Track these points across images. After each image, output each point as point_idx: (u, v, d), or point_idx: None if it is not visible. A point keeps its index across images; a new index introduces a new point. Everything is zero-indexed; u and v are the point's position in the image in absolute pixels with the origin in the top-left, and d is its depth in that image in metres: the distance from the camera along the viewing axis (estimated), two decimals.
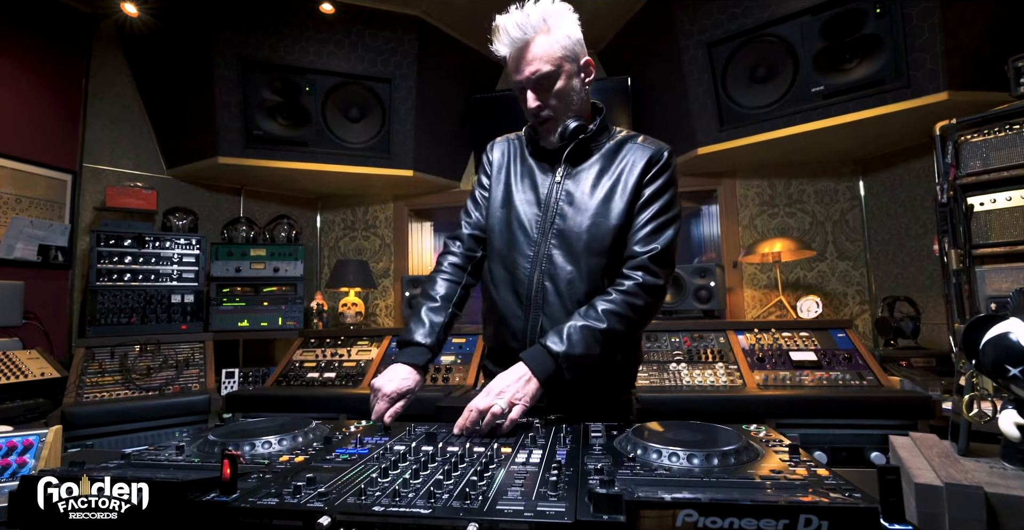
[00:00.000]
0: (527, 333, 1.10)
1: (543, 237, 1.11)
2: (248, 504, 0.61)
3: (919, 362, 2.19)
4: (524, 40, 1.03)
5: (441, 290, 1.17)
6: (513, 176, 1.18)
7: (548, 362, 0.99)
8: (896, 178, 2.84)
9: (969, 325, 0.64)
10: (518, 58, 1.05)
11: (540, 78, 1.05)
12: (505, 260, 1.14)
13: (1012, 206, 1.94)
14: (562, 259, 1.09)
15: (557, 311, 1.08)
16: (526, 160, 1.18)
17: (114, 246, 2.63)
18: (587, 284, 1.08)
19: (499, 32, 1.04)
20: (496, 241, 1.16)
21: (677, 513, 0.50)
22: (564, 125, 1.09)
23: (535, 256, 1.11)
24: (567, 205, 1.10)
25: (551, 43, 1.04)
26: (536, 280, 1.10)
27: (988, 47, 2.13)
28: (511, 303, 1.12)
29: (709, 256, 3.52)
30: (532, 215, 1.13)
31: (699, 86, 2.74)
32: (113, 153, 2.93)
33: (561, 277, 1.09)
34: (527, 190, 1.15)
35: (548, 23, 1.03)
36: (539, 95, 1.07)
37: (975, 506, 0.52)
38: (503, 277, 1.14)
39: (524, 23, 1.02)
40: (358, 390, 2.33)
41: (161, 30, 2.75)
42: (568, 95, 1.08)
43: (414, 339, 1.11)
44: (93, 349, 2.44)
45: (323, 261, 3.70)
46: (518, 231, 1.13)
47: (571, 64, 1.07)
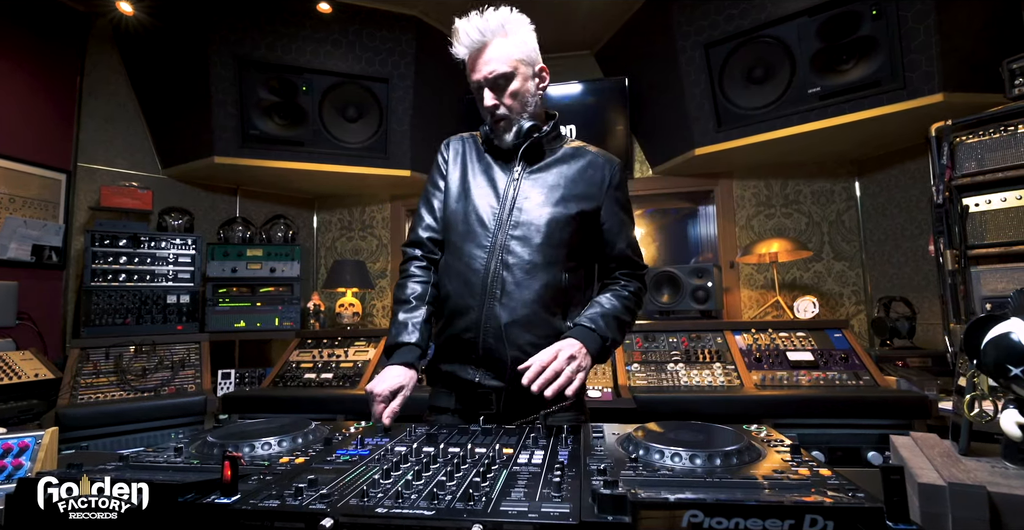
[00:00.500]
0: (481, 323, 1.10)
1: (500, 229, 1.13)
2: (249, 506, 0.60)
3: (915, 362, 2.21)
4: (482, 42, 1.09)
5: (414, 291, 1.17)
6: (470, 171, 1.20)
7: (598, 341, 1.08)
8: (891, 179, 2.86)
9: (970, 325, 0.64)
10: (476, 58, 1.11)
11: (497, 78, 1.10)
12: (460, 252, 1.15)
13: (1007, 207, 1.96)
14: (520, 249, 1.11)
15: (514, 300, 1.10)
16: (483, 157, 1.21)
17: (109, 246, 2.61)
18: (546, 274, 1.11)
19: (459, 34, 1.10)
20: (452, 234, 1.18)
21: (683, 514, 0.50)
22: (519, 124, 1.13)
23: (492, 246, 1.12)
24: (526, 199, 1.14)
25: (508, 46, 1.10)
26: (492, 270, 1.11)
27: (983, 49, 2.14)
28: (465, 294, 1.12)
29: (706, 256, 3.53)
30: (489, 208, 1.15)
31: (696, 87, 2.75)
32: (108, 152, 2.91)
33: (519, 266, 1.10)
34: (484, 184, 1.17)
35: (506, 28, 1.10)
36: (496, 94, 1.12)
37: (978, 505, 0.52)
38: (457, 268, 1.15)
39: (483, 27, 1.08)
40: (355, 391, 2.32)
41: (157, 29, 2.74)
42: (523, 96, 1.13)
43: (399, 341, 1.12)
44: (88, 350, 2.42)
45: (320, 261, 3.69)
46: (475, 223, 1.15)
47: (527, 67, 1.13)
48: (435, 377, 1.21)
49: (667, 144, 3.10)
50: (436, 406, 1.20)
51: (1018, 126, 1.92)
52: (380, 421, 1.03)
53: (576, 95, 3.24)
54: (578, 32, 3.17)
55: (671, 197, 3.60)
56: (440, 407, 1.18)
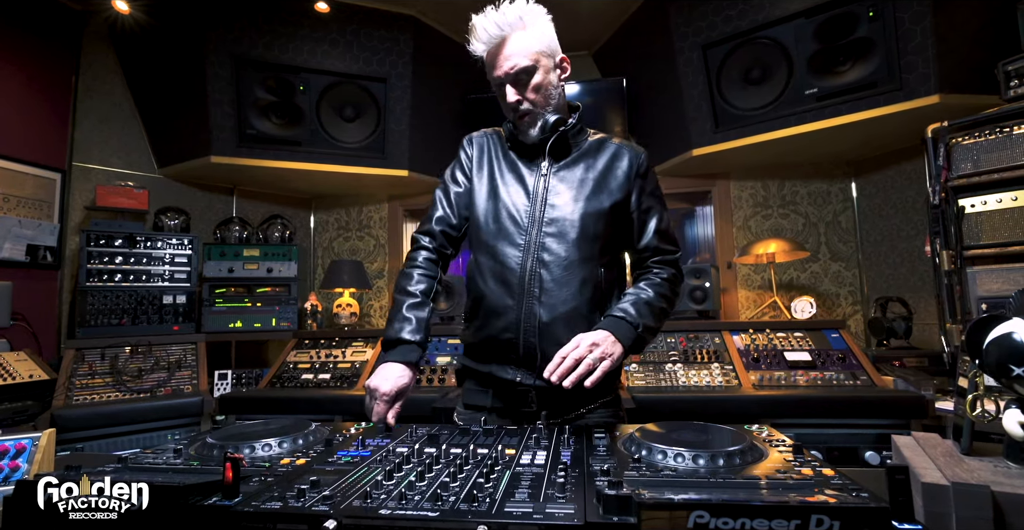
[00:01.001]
0: (520, 322, 1.08)
1: (534, 226, 1.11)
2: (252, 508, 0.60)
3: (911, 362, 2.22)
4: (501, 36, 1.07)
5: (421, 286, 1.14)
6: (497, 169, 1.18)
7: (629, 330, 1.04)
8: (887, 180, 2.88)
9: (972, 325, 0.65)
10: (496, 54, 1.08)
11: (519, 72, 1.07)
12: (494, 251, 1.13)
13: (1003, 208, 1.97)
14: (556, 246, 1.10)
15: (553, 298, 1.08)
16: (508, 154, 1.19)
17: (104, 246, 2.59)
18: (583, 270, 1.10)
19: (476, 31, 1.08)
20: (484, 233, 1.15)
21: (688, 514, 0.50)
22: (544, 119, 1.11)
23: (526, 244, 1.11)
24: (557, 195, 1.12)
25: (528, 39, 1.07)
26: (529, 268, 1.09)
27: (979, 51, 2.15)
28: (502, 293, 1.10)
29: (703, 257, 3.54)
30: (522, 205, 1.13)
31: (694, 88, 2.75)
32: (103, 152, 2.89)
33: (556, 263, 1.09)
34: (513, 182, 1.15)
35: (524, 21, 1.07)
36: (518, 89, 1.09)
37: (982, 505, 0.52)
38: (492, 268, 1.12)
39: (501, 21, 1.06)
40: (353, 391, 2.31)
41: (153, 28, 2.72)
42: (546, 89, 1.11)
43: (402, 337, 1.09)
44: (83, 351, 2.40)
45: (317, 262, 3.68)
46: (507, 221, 1.13)
47: (548, 59, 1.10)
48: (469, 376, 1.19)
49: (665, 145, 3.11)
50: (472, 404, 1.18)
51: (1013, 128, 1.93)
52: (384, 421, 1.02)
53: (574, 95, 3.24)
54: (576, 33, 3.18)
55: (669, 197, 3.57)
56: (476, 405, 1.16)
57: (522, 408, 1.10)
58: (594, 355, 0.96)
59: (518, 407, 1.11)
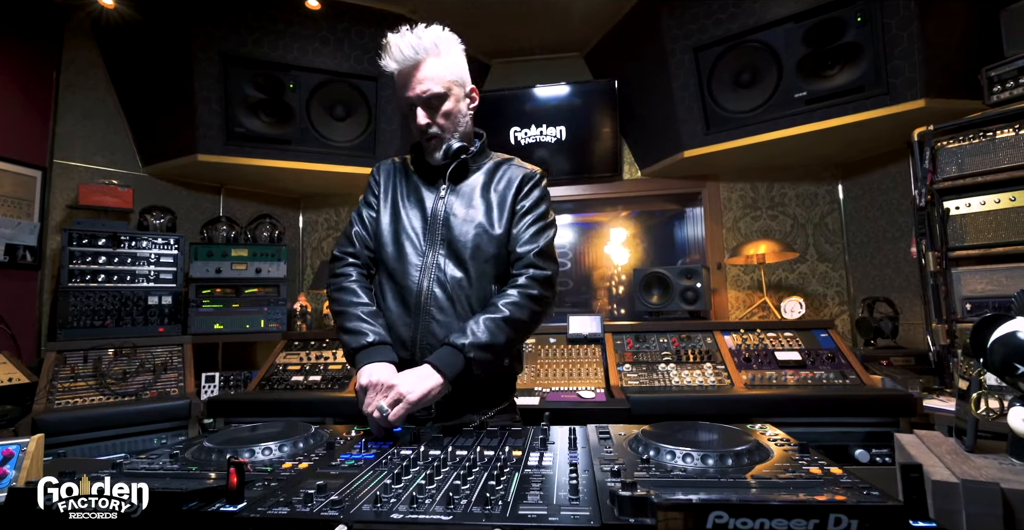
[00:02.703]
0: (416, 340, 1.12)
1: (431, 246, 1.15)
2: (258, 514, 0.59)
3: (898, 361, 2.26)
4: (416, 60, 1.09)
5: (366, 297, 1.15)
6: (400, 193, 1.22)
7: (455, 357, 1.03)
8: (873, 182, 2.93)
9: (977, 325, 0.66)
10: (409, 76, 1.10)
11: (430, 98, 1.11)
12: (394, 271, 1.16)
13: (986, 210, 2.02)
14: (451, 266, 1.14)
15: (448, 316, 1.11)
16: (411, 178, 1.23)
17: (87, 246, 2.52)
18: (477, 289, 1.14)
19: (391, 49, 1.09)
20: (385, 255, 1.18)
21: (707, 515, 0.49)
22: (448, 144, 1.15)
23: (423, 264, 1.14)
24: (452, 216, 1.16)
25: (442, 66, 1.11)
26: (426, 287, 1.12)
27: (963, 57, 2.21)
28: (400, 312, 1.14)
29: (693, 258, 3.57)
30: (419, 227, 1.17)
31: (685, 90, 2.78)
32: (86, 149, 2.82)
33: (450, 283, 1.13)
34: (414, 205, 1.19)
35: (440, 47, 1.11)
36: (428, 113, 1.12)
37: (992, 502, 0.53)
38: (391, 288, 1.16)
39: (417, 44, 1.08)
40: (345, 393, 2.28)
41: (138, 22, 2.66)
42: (455, 116, 1.15)
43: (374, 340, 1.08)
44: (65, 353, 2.33)
45: (306, 262, 3.63)
46: (406, 242, 1.16)
47: (459, 88, 1.15)
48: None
49: (656, 146, 3.13)
50: None
51: (997, 132, 1.98)
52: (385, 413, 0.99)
53: (564, 97, 3.25)
54: (568, 34, 3.18)
55: (659, 199, 3.63)
56: None
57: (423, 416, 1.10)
58: (383, 404, 0.96)
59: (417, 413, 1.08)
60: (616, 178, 3.33)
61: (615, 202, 3.75)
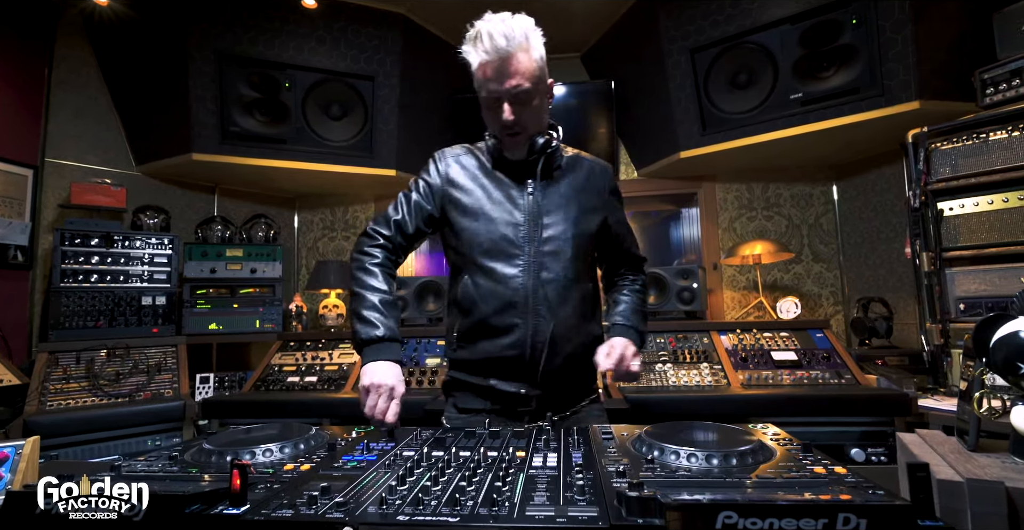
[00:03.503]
0: (527, 340, 1.11)
1: (531, 246, 1.13)
2: (262, 517, 0.58)
3: (893, 360, 2.27)
4: (508, 52, 1.04)
5: (388, 283, 1.14)
6: (482, 188, 1.17)
7: (636, 336, 1.20)
8: (868, 183, 2.95)
9: (979, 324, 0.66)
10: (500, 69, 1.05)
11: (520, 93, 1.07)
12: (492, 271, 1.13)
13: (979, 211, 2.04)
14: (554, 264, 1.13)
15: (558, 315, 1.12)
16: (492, 173, 1.19)
17: (80, 245, 2.49)
18: (579, 286, 1.16)
19: (482, 38, 1.04)
20: (474, 252, 1.15)
21: (716, 515, 0.49)
22: (533, 140, 1.13)
23: (526, 265, 1.13)
24: (547, 214, 1.15)
25: (531, 61, 1.07)
26: (532, 288, 1.12)
27: (956, 59, 2.23)
28: (506, 313, 1.11)
29: (689, 258, 3.58)
30: (516, 226, 1.14)
31: (682, 91, 2.78)
32: (78, 148, 2.79)
33: (556, 282, 1.13)
34: (503, 201, 1.16)
35: (529, 41, 1.07)
36: (515, 109, 1.09)
37: (997, 501, 0.54)
38: (492, 289, 1.13)
39: (509, 35, 1.03)
40: (341, 394, 2.27)
41: (132, 20, 2.63)
42: (540, 112, 1.13)
43: (385, 335, 1.08)
44: (57, 354, 2.31)
45: (301, 262, 3.61)
46: (503, 242, 1.13)
47: (544, 84, 1.12)
48: (463, 388, 1.20)
49: (652, 147, 3.13)
50: (468, 408, 1.19)
51: (990, 134, 2.00)
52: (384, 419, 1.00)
53: (561, 97, 3.25)
54: (565, 34, 3.19)
55: (655, 199, 3.64)
56: (473, 409, 1.18)
57: (520, 408, 1.14)
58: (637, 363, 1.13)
59: (517, 407, 1.14)
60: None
61: None
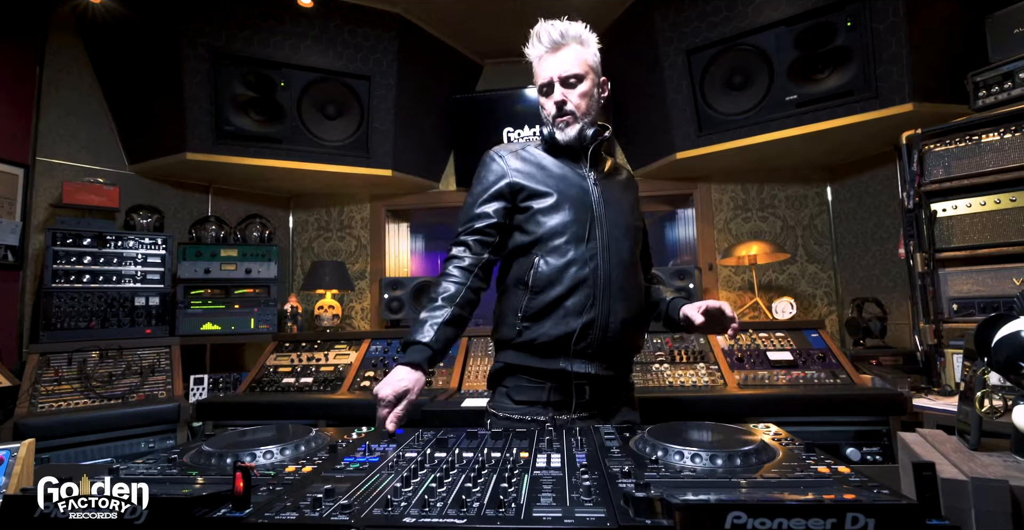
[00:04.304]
0: (597, 320, 1.16)
1: (602, 230, 1.21)
2: (266, 519, 0.57)
3: (887, 360, 2.29)
4: (562, 44, 1.19)
5: (443, 291, 1.17)
6: (551, 175, 1.23)
7: None
8: (861, 185, 2.98)
9: (981, 324, 0.67)
10: (552, 58, 1.20)
11: (570, 77, 1.19)
12: (568, 253, 1.18)
13: (972, 212, 2.06)
14: (622, 249, 1.22)
15: (626, 296, 1.20)
16: (552, 161, 1.25)
17: (72, 245, 2.46)
18: (638, 272, 1.28)
19: (540, 34, 1.20)
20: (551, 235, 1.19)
21: (725, 515, 0.49)
22: (583, 125, 1.21)
23: (599, 248, 1.19)
24: (610, 205, 1.24)
25: (584, 52, 1.21)
26: (604, 269, 1.18)
27: (949, 62, 2.25)
28: (581, 294, 1.16)
29: (684, 258, 3.59)
30: (586, 212, 1.21)
31: (678, 92, 2.79)
32: (70, 147, 2.76)
33: (624, 265, 1.21)
34: (569, 187, 1.22)
35: (583, 38, 1.22)
36: (566, 91, 1.20)
37: (1001, 499, 0.54)
38: (566, 270, 1.17)
39: (565, 31, 1.19)
40: (337, 395, 2.26)
41: (125, 18, 2.61)
42: (589, 99, 1.22)
43: (412, 338, 1.12)
44: (48, 355, 2.28)
45: (296, 263, 3.59)
46: (576, 225, 1.19)
47: (596, 76, 1.23)
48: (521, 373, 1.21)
49: (648, 147, 3.14)
50: (524, 400, 1.19)
51: (982, 136, 2.02)
52: (384, 427, 1.00)
53: None
54: None
55: (651, 200, 3.65)
56: (529, 401, 1.19)
57: (579, 400, 1.17)
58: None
59: (573, 400, 1.17)
60: None
61: None
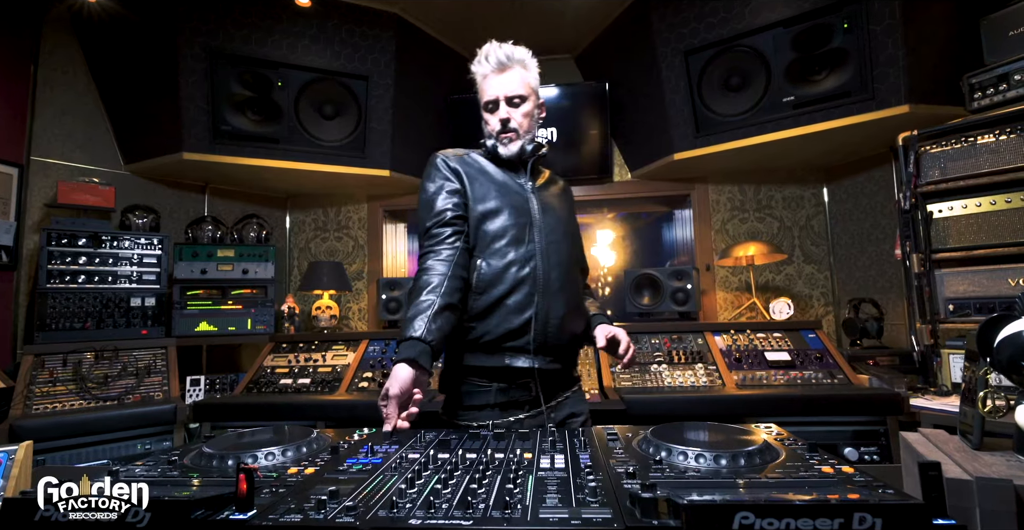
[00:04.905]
0: (538, 316, 1.23)
1: (540, 234, 1.28)
2: (270, 522, 0.57)
3: (884, 360, 2.31)
4: (508, 65, 1.30)
5: (425, 284, 1.17)
6: (492, 181, 1.31)
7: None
8: (857, 186, 2.99)
9: (983, 325, 0.67)
10: (500, 77, 1.30)
11: (515, 97, 1.30)
12: (508, 256, 1.24)
13: (968, 213, 2.07)
14: (560, 252, 1.30)
15: (563, 294, 1.26)
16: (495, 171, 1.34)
17: (67, 246, 2.44)
18: (574, 273, 1.35)
19: (488, 54, 1.29)
20: (492, 239, 1.26)
21: (733, 515, 0.49)
22: (523, 140, 1.32)
23: (539, 250, 1.26)
24: (549, 211, 1.33)
25: (527, 76, 1.33)
26: (543, 269, 1.25)
27: (945, 64, 2.26)
28: (521, 293, 1.23)
29: (681, 259, 3.60)
30: (525, 216, 1.28)
31: (676, 93, 2.80)
32: (64, 146, 2.74)
33: (562, 266, 1.29)
34: (509, 194, 1.29)
35: (527, 62, 1.33)
36: (511, 110, 1.31)
37: (1006, 499, 0.54)
38: (509, 273, 1.23)
39: (511, 54, 1.30)
40: (335, 396, 2.25)
41: (121, 17, 2.59)
42: (531, 118, 1.34)
43: (404, 335, 1.12)
44: (43, 356, 2.26)
45: (293, 263, 3.57)
46: (515, 229, 1.26)
47: (536, 97, 1.35)
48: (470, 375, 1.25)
49: (646, 148, 3.15)
50: (473, 405, 1.24)
51: (978, 137, 2.04)
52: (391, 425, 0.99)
53: (554, 98, 3.26)
54: (559, 36, 3.19)
55: (649, 201, 3.66)
56: (478, 405, 1.23)
57: (523, 398, 1.24)
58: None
59: (518, 397, 1.24)
60: (606, 180, 3.35)
61: (605, 203, 3.77)
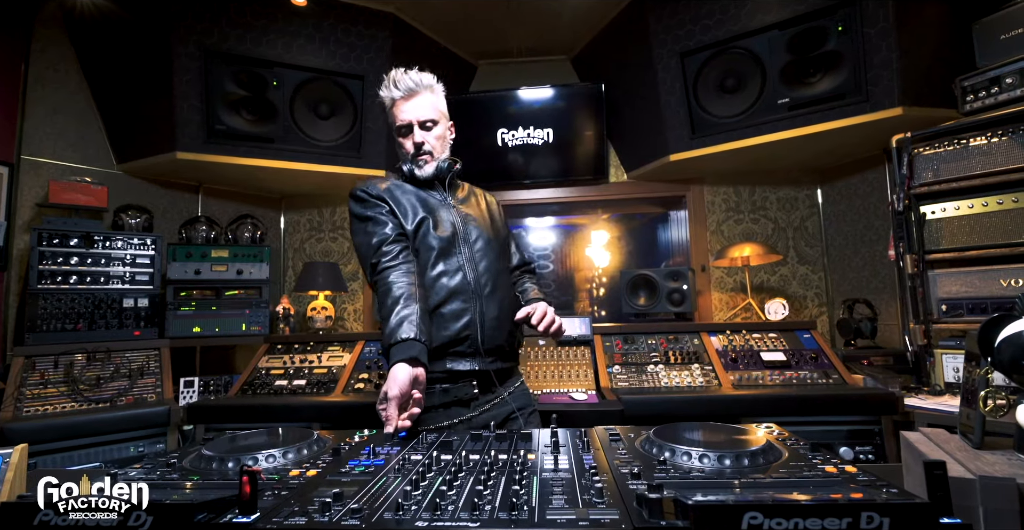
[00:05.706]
0: (476, 319, 1.31)
1: (466, 245, 1.37)
2: (274, 525, 0.56)
3: (878, 360, 2.32)
4: (416, 91, 1.36)
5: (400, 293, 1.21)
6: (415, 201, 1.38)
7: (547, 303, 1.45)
8: (851, 187, 3.02)
9: (984, 325, 0.68)
10: (410, 103, 1.36)
11: (427, 121, 1.38)
12: (437, 269, 1.33)
13: (960, 215, 2.09)
14: (488, 260, 1.39)
15: (495, 297, 1.36)
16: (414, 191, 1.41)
17: (58, 246, 2.41)
18: (505, 276, 1.45)
19: (397, 81, 1.35)
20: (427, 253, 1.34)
21: (742, 516, 0.49)
22: (438, 160, 1.41)
23: (468, 260, 1.36)
24: (472, 222, 1.42)
25: (436, 101, 1.41)
26: (474, 278, 1.34)
27: (938, 67, 2.29)
28: (457, 300, 1.31)
29: (676, 260, 3.62)
30: (451, 230, 1.37)
31: (672, 95, 2.81)
32: (56, 145, 2.70)
33: (492, 272, 1.38)
34: (433, 211, 1.38)
35: (434, 87, 1.41)
36: (424, 133, 1.39)
37: (1009, 497, 0.55)
38: (441, 284, 1.32)
39: (418, 80, 1.36)
40: (331, 398, 2.24)
41: (114, 15, 2.56)
42: (443, 140, 1.43)
43: (397, 338, 1.12)
44: (34, 358, 2.23)
45: (287, 264, 3.55)
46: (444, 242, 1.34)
47: (446, 120, 1.44)
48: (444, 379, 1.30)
49: (642, 149, 3.16)
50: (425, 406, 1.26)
51: (970, 140, 2.06)
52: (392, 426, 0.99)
53: (550, 99, 3.26)
54: (555, 37, 3.20)
55: (644, 202, 3.67)
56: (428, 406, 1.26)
57: (467, 397, 1.30)
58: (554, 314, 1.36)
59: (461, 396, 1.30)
60: (602, 181, 3.36)
61: (600, 204, 3.78)
